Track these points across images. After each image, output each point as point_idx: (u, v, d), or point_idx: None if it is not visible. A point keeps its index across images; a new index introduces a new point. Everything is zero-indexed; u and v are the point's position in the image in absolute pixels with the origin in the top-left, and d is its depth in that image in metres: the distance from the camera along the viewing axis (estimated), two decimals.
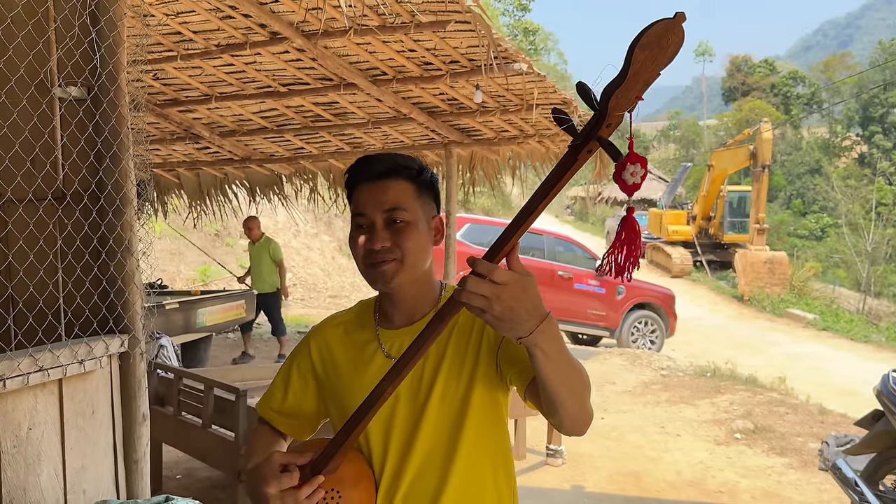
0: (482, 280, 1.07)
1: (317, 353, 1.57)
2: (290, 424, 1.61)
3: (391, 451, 1.43)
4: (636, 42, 1.02)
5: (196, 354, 8.21)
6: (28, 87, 2.79)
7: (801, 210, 38.72)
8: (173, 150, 8.33)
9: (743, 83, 50.40)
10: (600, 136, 1.06)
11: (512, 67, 5.40)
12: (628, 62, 1.02)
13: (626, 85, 1.03)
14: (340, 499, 1.35)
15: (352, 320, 1.59)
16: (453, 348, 1.44)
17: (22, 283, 2.80)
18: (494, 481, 1.47)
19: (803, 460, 5.80)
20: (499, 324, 1.08)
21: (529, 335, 1.09)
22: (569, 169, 1.08)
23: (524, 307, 1.08)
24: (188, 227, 13.25)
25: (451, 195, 7.56)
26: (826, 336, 15.86)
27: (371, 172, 1.47)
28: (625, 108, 1.05)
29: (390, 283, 1.44)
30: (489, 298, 1.06)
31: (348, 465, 1.37)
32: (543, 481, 5.31)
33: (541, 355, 1.12)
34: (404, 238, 1.43)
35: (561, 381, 1.17)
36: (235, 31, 5.39)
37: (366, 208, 1.45)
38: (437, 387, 1.42)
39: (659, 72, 1.04)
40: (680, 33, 1.02)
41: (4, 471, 2.47)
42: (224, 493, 4.60)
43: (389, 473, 1.43)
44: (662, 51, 1.02)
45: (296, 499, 1.28)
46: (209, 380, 4.36)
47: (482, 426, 1.44)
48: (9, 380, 2.39)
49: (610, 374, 8.96)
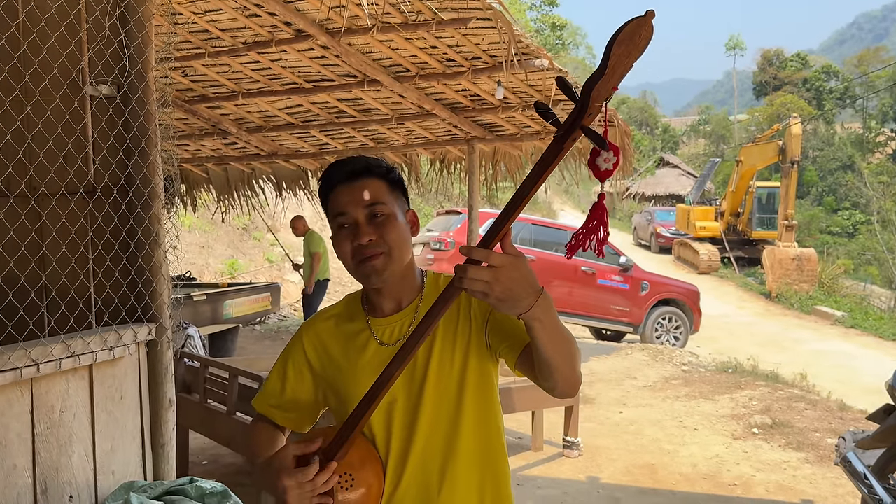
0: (477, 266, 1.16)
1: (310, 347, 1.65)
2: (289, 418, 1.68)
3: (395, 433, 1.52)
4: (614, 39, 1.12)
5: (223, 345, 8.40)
6: (61, 85, 2.92)
7: (832, 206, 38.16)
8: (202, 146, 8.49)
9: (774, 77, 49.77)
10: (583, 125, 1.16)
11: (533, 64, 5.47)
12: (607, 57, 1.13)
13: (605, 78, 1.13)
14: (353, 481, 1.42)
15: (341, 313, 1.67)
16: (442, 330, 1.53)
17: (55, 272, 2.93)
18: (499, 447, 1.56)
19: (820, 455, 5.81)
20: (500, 304, 1.18)
21: (529, 310, 1.20)
22: (555, 158, 1.18)
23: (521, 286, 1.17)
24: (216, 222, 13.47)
25: (474, 190, 7.64)
26: (854, 334, 15.68)
27: (345, 173, 1.55)
28: (603, 98, 1.15)
29: (382, 276, 1.52)
30: (489, 282, 1.16)
31: (355, 449, 1.44)
32: (559, 472, 5.40)
33: (539, 327, 1.23)
34: (388, 230, 1.52)
35: (556, 349, 1.28)
36: (261, 28, 5.51)
37: (347, 207, 1.53)
38: (431, 366, 1.51)
39: (632, 64, 1.14)
40: (649, 29, 1.13)
41: (38, 451, 2.60)
42: (249, 479, 4.73)
43: (396, 452, 1.51)
44: (635, 45, 1.13)
45: (313, 486, 1.35)
46: (233, 368, 4.50)
47: (480, 398, 1.53)
48: (42, 364, 2.52)
49: (631, 370, 8.99)
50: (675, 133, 53.70)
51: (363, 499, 1.44)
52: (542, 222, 13.14)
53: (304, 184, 9.10)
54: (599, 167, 1.18)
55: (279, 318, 11.85)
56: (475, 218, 7.68)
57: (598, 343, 11.79)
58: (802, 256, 20.10)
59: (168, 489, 2.82)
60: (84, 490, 2.76)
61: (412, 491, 1.51)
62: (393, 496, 1.51)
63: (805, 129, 31.42)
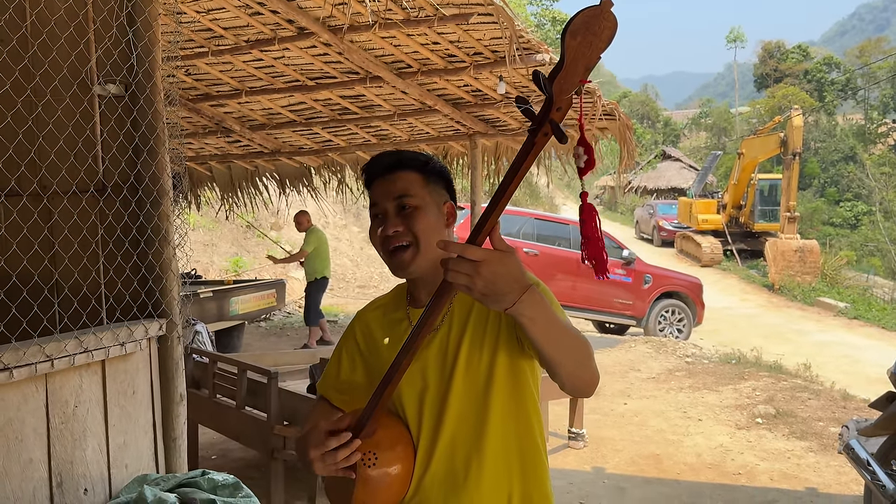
0: (462, 260, 1.17)
1: (360, 335, 1.73)
2: (344, 400, 1.76)
3: (425, 417, 1.57)
4: (565, 30, 1.12)
5: (230, 342, 8.45)
6: (70, 85, 2.96)
7: (835, 198, 38.12)
8: (205, 144, 8.53)
9: (776, 70, 49.63)
10: (552, 119, 1.17)
11: (534, 58, 5.49)
12: (563, 49, 1.13)
13: (565, 70, 1.13)
14: (377, 460, 1.48)
15: (389, 303, 1.74)
16: (474, 321, 1.56)
17: (67, 270, 2.98)
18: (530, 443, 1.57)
19: (823, 444, 5.85)
20: (483, 298, 1.19)
21: (513, 306, 1.19)
22: (529, 152, 1.19)
23: (504, 280, 1.17)
24: (220, 219, 13.52)
25: (477, 185, 7.68)
26: (857, 325, 15.68)
27: (380, 167, 1.62)
28: (570, 91, 1.15)
29: (409, 269, 1.58)
30: (471, 276, 1.16)
31: (386, 430, 1.51)
32: (565, 463, 5.45)
33: (527, 323, 1.23)
34: (414, 221, 1.56)
35: (552, 345, 1.28)
36: (264, 26, 5.55)
37: (378, 198, 1.60)
38: (461, 357, 1.55)
39: (598, 56, 1.14)
40: (611, 18, 1.12)
41: (53, 445, 2.64)
42: (258, 472, 4.78)
43: (426, 438, 1.56)
44: (596, 36, 1.12)
45: (335, 460, 1.43)
46: (242, 363, 4.54)
47: (509, 393, 1.55)
48: (56, 360, 2.56)
49: (635, 362, 9.04)
50: (676, 126, 53.62)
51: (386, 478, 1.49)
52: (545, 217, 13.18)
53: (307, 181, 9.13)
54: (574, 164, 1.21)
55: (284, 315, 11.90)
56: (478, 213, 7.71)
57: (602, 336, 11.83)
58: (805, 248, 20.10)
59: (181, 482, 2.86)
60: (98, 483, 2.81)
61: (439, 477, 1.55)
62: (422, 481, 1.55)
63: (806, 120, 31.34)
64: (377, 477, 1.48)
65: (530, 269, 5.32)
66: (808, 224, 30.44)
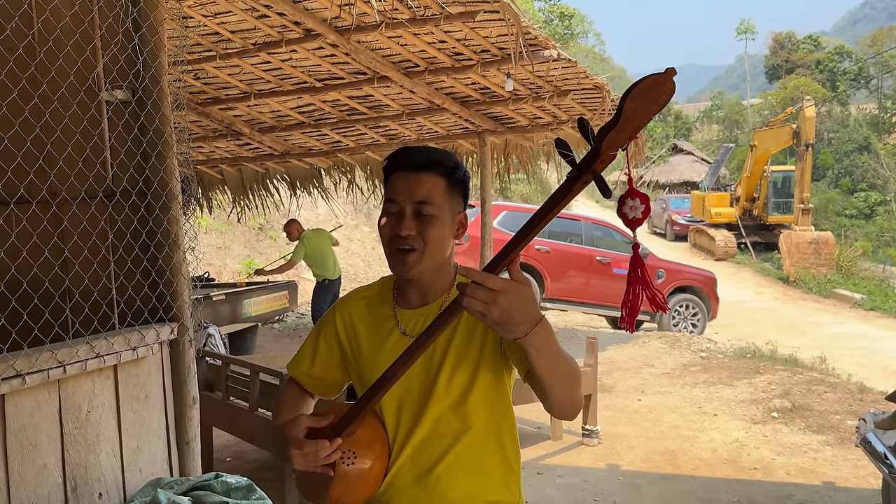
0: (480, 287, 1.20)
1: (341, 324, 1.73)
2: (317, 385, 1.79)
3: (402, 419, 1.60)
4: (627, 94, 1.15)
5: (243, 344, 8.48)
6: (77, 92, 2.97)
7: (849, 188, 37.84)
8: (216, 147, 8.57)
9: (787, 60, 49.37)
10: (594, 170, 1.20)
11: (542, 55, 5.48)
12: (620, 110, 1.16)
13: (618, 129, 1.17)
14: (356, 458, 1.53)
15: (374, 296, 1.74)
16: (460, 336, 1.59)
17: (77, 275, 2.99)
18: (500, 455, 1.62)
19: (840, 437, 5.80)
20: (496, 326, 1.23)
21: (525, 336, 1.24)
22: (564, 196, 1.22)
23: (519, 312, 1.21)
24: (232, 222, 13.57)
25: (486, 183, 7.67)
26: (873, 316, 15.54)
27: (408, 163, 1.60)
28: (617, 148, 1.18)
29: (409, 273, 1.59)
30: (488, 304, 1.20)
31: (365, 429, 1.55)
32: (579, 460, 5.43)
33: (534, 352, 1.27)
34: (429, 230, 1.57)
35: (552, 375, 1.33)
36: (271, 29, 5.56)
37: (398, 196, 1.59)
38: (445, 364, 1.58)
39: (651, 118, 1.17)
40: (670, 85, 1.15)
41: (67, 450, 2.65)
42: (272, 474, 4.79)
43: (401, 437, 1.59)
44: (654, 101, 1.16)
45: (316, 457, 1.47)
46: (255, 365, 4.55)
47: (487, 401, 1.59)
48: (69, 365, 2.57)
49: (648, 357, 8.99)
50: (687, 119, 53.41)
51: (362, 475, 1.54)
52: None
53: (317, 182, 9.16)
54: (627, 216, 1.21)
55: (297, 316, 11.92)
56: (488, 211, 7.70)
57: (616, 332, 11.78)
58: (819, 240, 19.95)
59: (194, 485, 2.87)
60: (112, 487, 2.82)
61: (409, 477, 1.59)
62: (394, 478, 1.60)
63: (819, 111, 31.15)
64: (354, 474, 1.53)
65: (542, 266, 5.37)
66: (822, 215, 30.25)
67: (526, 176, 8.86)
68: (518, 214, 11.82)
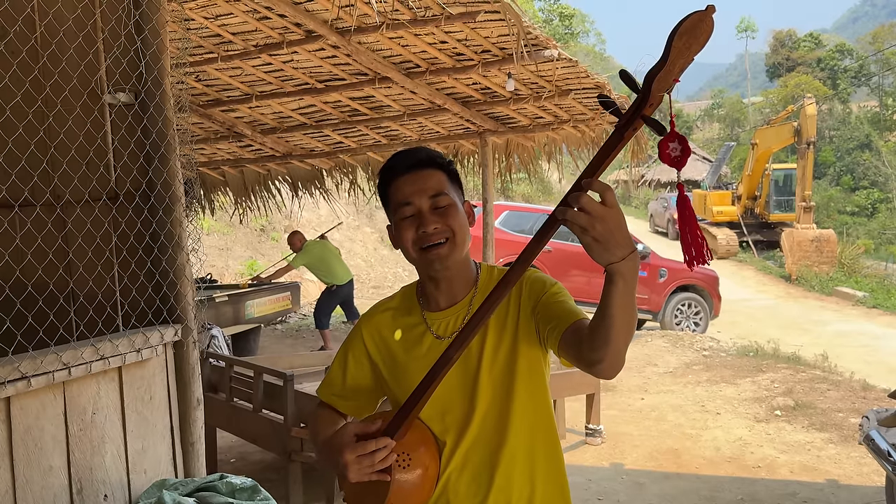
0: (585, 197, 1.18)
1: (370, 339, 1.70)
2: (349, 406, 1.75)
3: (449, 418, 1.56)
4: (675, 31, 1.16)
5: (246, 345, 8.49)
6: (81, 95, 2.98)
7: (850, 186, 37.81)
8: (218, 149, 8.58)
9: (787, 59, 49.32)
10: (644, 115, 1.21)
11: (542, 54, 5.49)
12: (668, 49, 1.17)
13: (666, 69, 1.18)
14: (410, 461, 1.48)
15: (398, 307, 1.71)
16: (494, 322, 1.56)
17: (82, 278, 3.00)
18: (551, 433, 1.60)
19: (843, 435, 5.81)
20: (595, 244, 1.18)
21: (621, 261, 1.20)
22: (617, 145, 1.22)
23: (622, 233, 1.19)
24: (234, 224, 13.58)
25: (488, 183, 7.67)
26: (876, 314, 15.51)
27: (409, 164, 1.60)
28: (664, 89, 1.20)
29: (446, 263, 1.57)
30: (594, 217, 1.17)
31: (413, 432, 1.50)
32: (583, 459, 5.43)
33: (622, 284, 1.23)
34: (451, 217, 1.57)
35: (623, 317, 1.28)
36: (272, 31, 5.56)
37: (411, 196, 1.57)
38: (484, 358, 1.55)
39: (693, 57, 1.18)
40: (710, 23, 1.16)
41: (72, 452, 2.66)
42: (276, 475, 4.80)
43: (452, 437, 1.56)
44: (696, 38, 1.17)
45: (372, 462, 1.41)
46: (258, 366, 4.57)
47: (531, 385, 1.57)
48: (73, 368, 2.58)
49: (651, 356, 9.00)
50: (688, 118, 53.35)
51: (419, 479, 1.49)
52: None
53: (319, 183, 9.16)
54: (670, 156, 1.22)
55: (300, 318, 11.94)
56: (490, 211, 7.70)
57: None
58: (821, 238, 19.94)
59: (199, 486, 2.88)
60: (118, 489, 2.83)
61: (466, 476, 1.56)
62: (448, 480, 1.56)
63: (820, 109, 31.13)
64: (411, 479, 1.48)
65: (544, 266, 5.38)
66: (824, 213, 30.23)
67: (527, 175, 8.86)
68: (520, 214, 11.84)
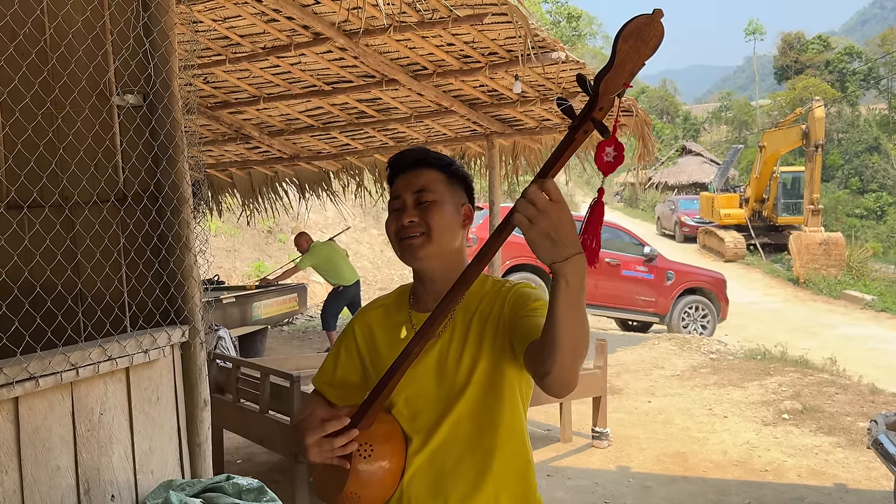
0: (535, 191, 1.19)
1: (360, 333, 1.76)
2: (338, 395, 1.79)
3: (420, 419, 1.59)
4: (619, 34, 1.16)
5: (253, 346, 8.51)
6: (89, 96, 2.99)
7: (858, 189, 37.64)
8: (225, 151, 8.60)
9: (796, 61, 49.12)
10: (594, 118, 1.21)
11: (550, 57, 5.49)
12: (614, 52, 1.17)
13: (613, 72, 1.18)
14: (373, 451, 1.51)
15: (391, 303, 1.77)
16: (475, 330, 1.58)
17: (90, 279, 3.01)
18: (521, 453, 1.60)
19: (851, 439, 5.78)
20: (541, 240, 1.18)
21: (565, 260, 1.19)
22: (568, 147, 1.24)
23: (566, 230, 1.18)
24: (241, 225, 13.61)
25: (495, 185, 7.67)
26: (885, 317, 15.43)
27: (405, 162, 1.68)
28: (613, 93, 1.20)
29: (418, 255, 1.61)
30: (539, 211, 1.17)
31: (382, 425, 1.54)
32: (589, 462, 5.43)
33: (565, 286, 1.21)
34: (430, 214, 1.61)
35: (567, 325, 1.24)
36: (280, 33, 5.58)
37: (400, 192, 1.65)
38: (462, 365, 1.57)
39: (644, 62, 1.18)
40: (659, 27, 1.16)
41: (80, 452, 2.67)
42: (283, 476, 4.81)
43: (419, 438, 1.58)
44: (645, 42, 1.16)
45: (331, 447, 1.46)
46: (265, 367, 4.57)
47: (505, 399, 1.58)
48: (81, 368, 2.58)
49: (658, 359, 8.98)
50: (696, 121, 53.29)
51: (380, 472, 1.52)
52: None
53: (326, 185, 9.18)
54: (604, 160, 1.22)
55: (307, 319, 11.96)
56: (497, 213, 7.70)
57: (625, 334, 11.77)
58: (829, 241, 19.86)
59: (206, 486, 2.89)
60: (125, 489, 2.83)
61: (429, 478, 1.57)
62: (411, 480, 1.58)
63: (828, 111, 31.02)
64: (371, 470, 1.50)
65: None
66: (832, 216, 30.12)
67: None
68: None
